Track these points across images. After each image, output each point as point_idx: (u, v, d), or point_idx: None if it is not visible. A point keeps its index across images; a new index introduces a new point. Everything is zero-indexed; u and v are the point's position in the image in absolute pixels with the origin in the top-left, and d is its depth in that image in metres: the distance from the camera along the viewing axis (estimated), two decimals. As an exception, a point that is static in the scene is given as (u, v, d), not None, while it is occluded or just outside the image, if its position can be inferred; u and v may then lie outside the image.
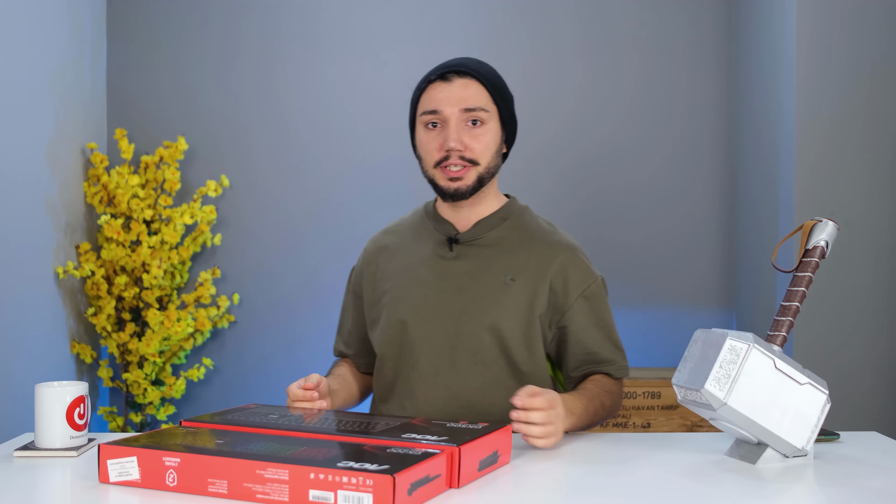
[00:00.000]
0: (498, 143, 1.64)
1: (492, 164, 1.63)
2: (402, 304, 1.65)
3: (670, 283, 3.35)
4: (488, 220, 1.66)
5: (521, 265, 1.63)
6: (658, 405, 2.94)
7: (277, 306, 3.35)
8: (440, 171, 1.61)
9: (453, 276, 1.63)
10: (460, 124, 1.60)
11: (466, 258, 1.64)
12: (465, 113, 1.60)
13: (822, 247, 1.41)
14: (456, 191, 1.61)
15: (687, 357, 1.39)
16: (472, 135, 1.60)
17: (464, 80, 1.62)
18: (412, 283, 1.65)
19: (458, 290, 1.62)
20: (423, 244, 1.69)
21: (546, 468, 1.33)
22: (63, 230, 2.95)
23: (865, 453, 1.42)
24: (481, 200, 1.66)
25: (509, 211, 1.69)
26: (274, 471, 1.10)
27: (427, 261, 1.66)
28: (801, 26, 2.79)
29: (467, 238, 1.65)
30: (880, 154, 2.78)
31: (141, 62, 3.34)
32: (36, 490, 1.25)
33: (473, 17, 3.36)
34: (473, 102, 1.60)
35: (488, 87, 1.63)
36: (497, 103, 1.63)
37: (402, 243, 1.72)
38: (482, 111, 1.60)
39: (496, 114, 1.63)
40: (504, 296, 1.61)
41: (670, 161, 3.36)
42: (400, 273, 1.68)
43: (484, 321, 1.60)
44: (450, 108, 1.60)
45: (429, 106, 1.62)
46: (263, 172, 3.35)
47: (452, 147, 1.58)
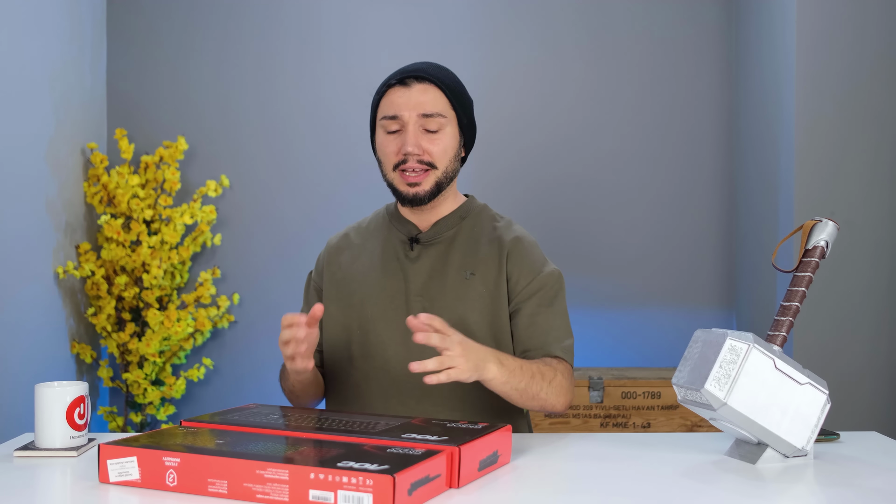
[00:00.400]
0: (456, 148, 1.66)
1: (450, 169, 1.65)
2: (367, 307, 1.67)
3: (670, 283, 3.35)
4: (447, 220, 1.69)
5: (479, 260, 1.66)
6: (658, 405, 2.94)
7: (277, 306, 3.34)
8: (399, 174, 1.64)
9: (415, 276, 1.66)
10: (418, 129, 1.62)
11: (427, 258, 1.67)
12: (423, 118, 1.62)
13: (822, 247, 1.41)
14: (415, 196, 1.63)
15: (687, 357, 1.39)
16: (430, 139, 1.63)
17: (422, 86, 1.64)
18: (375, 286, 1.68)
19: (421, 291, 1.65)
20: (385, 245, 1.71)
21: (546, 468, 1.33)
22: (63, 230, 2.95)
23: (865, 453, 1.42)
24: (440, 203, 1.69)
25: (468, 209, 1.72)
26: (274, 471, 1.10)
27: (391, 261, 1.69)
28: (802, 26, 2.79)
29: (427, 238, 1.68)
30: (880, 154, 2.78)
31: (141, 62, 3.35)
32: (36, 490, 1.25)
33: (473, 17, 3.36)
34: (431, 108, 1.62)
35: (447, 92, 1.64)
36: (455, 109, 1.65)
37: (365, 245, 1.74)
38: (440, 116, 1.62)
39: (454, 119, 1.65)
40: (466, 291, 1.64)
41: (670, 161, 3.36)
42: (363, 275, 1.70)
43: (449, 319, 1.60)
44: (408, 112, 1.62)
45: (388, 111, 1.64)
46: (263, 172, 3.35)
47: (410, 151, 1.61)
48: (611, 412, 2.94)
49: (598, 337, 3.32)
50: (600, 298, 3.33)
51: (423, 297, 1.64)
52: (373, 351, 1.65)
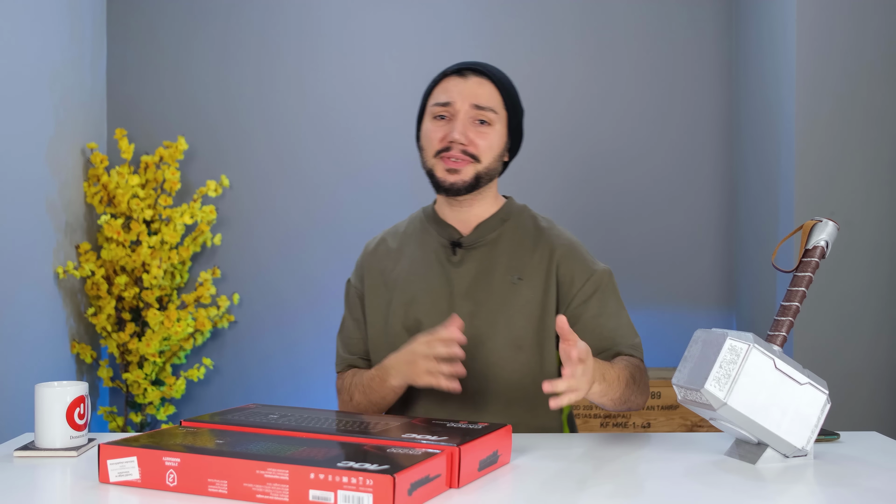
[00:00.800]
0: (501, 148, 1.64)
1: (492, 166, 1.62)
2: (413, 312, 1.64)
3: (670, 282, 3.35)
4: (489, 222, 1.66)
5: (525, 264, 1.63)
6: (658, 405, 2.94)
7: (277, 306, 3.35)
8: (440, 160, 1.60)
9: (460, 281, 1.63)
10: (468, 119, 1.60)
11: (471, 262, 1.64)
12: (475, 110, 1.60)
13: (822, 247, 1.41)
14: (452, 184, 1.60)
15: (687, 357, 1.39)
16: (479, 131, 1.60)
17: (479, 79, 1.63)
18: (421, 291, 1.64)
19: (467, 295, 1.62)
20: (426, 249, 1.68)
21: (546, 468, 1.33)
22: (63, 230, 2.95)
23: (865, 453, 1.42)
24: (480, 201, 1.66)
25: (508, 211, 1.69)
26: (274, 471, 1.10)
27: (433, 267, 1.65)
28: (801, 26, 2.79)
29: (470, 242, 1.65)
30: (880, 154, 2.78)
31: (141, 62, 3.35)
32: (36, 490, 1.25)
33: (473, 17, 3.36)
34: (485, 101, 1.61)
35: (502, 91, 1.63)
36: (507, 109, 1.64)
37: (403, 249, 1.71)
38: (491, 112, 1.61)
39: (504, 119, 1.64)
40: (513, 296, 1.61)
41: (670, 161, 3.36)
42: (406, 280, 1.66)
43: (496, 323, 1.60)
44: (461, 101, 1.60)
45: (441, 97, 1.62)
46: (263, 172, 3.35)
47: (456, 139, 1.58)
48: (611, 412, 2.95)
49: (598, 337, 3.32)
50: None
51: (469, 301, 1.61)
52: None
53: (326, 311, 3.32)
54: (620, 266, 3.34)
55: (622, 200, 3.35)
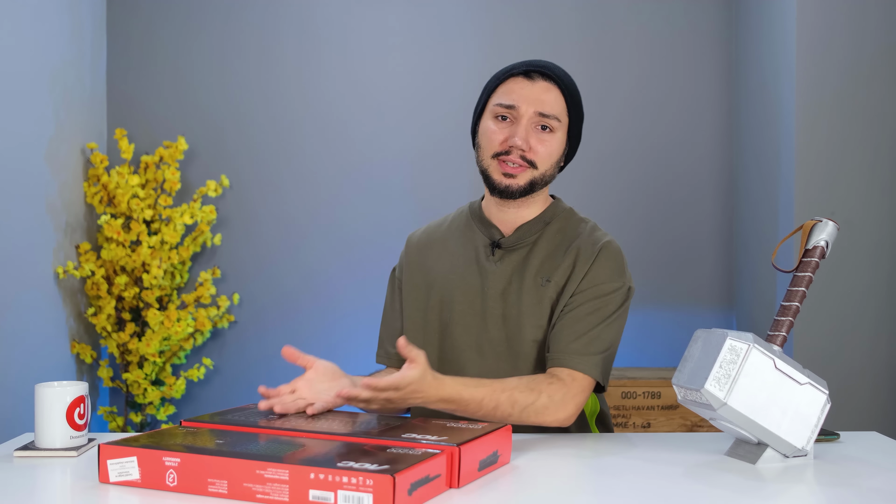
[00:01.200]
0: (560, 155, 1.62)
1: (548, 173, 1.61)
2: (446, 311, 1.64)
3: (670, 283, 3.35)
4: (531, 224, 1.65)
5: (556, 266, 1.61)
6: (658, 405, 2.94)
7: (277, 306, 3.35)
8: (497, 162, 1.59)
9: (496, 280, 1.62)
10: (531, 125, 1.58)
11: (508, 263, 1.63)
12: (539, 116, 1.58)
13: (822, 247, 1.41)
14: (507, 188, 1.59)
15: (687, 357, 1.39)
16: (540, 138, 1.58)
17: (546, 84, 1.59)
18: (455, 289, 1.64)
19: (501, 295, 1.62)
20: (467, 245, 1.68)
21: (546, 468, 1.33)
22: (63, 230, 2.95)
23: (865, 453, 1.42)
24: (529, 204, 1.65)
25: (553, 214, 1.67)
26: (274, 471, 1.10)
27: (472, 264, 1.65)
28: (802, 25, 2.79)
29: (509, 243, 1.64)
30: (880, 154, 2.78)
31: (141, 62, 3.35)
32: (36, 490, 1.25)
33: (473, 15, 3.36)
34: (550, 108, 1.58)
35: (567, 97, 1.60)
36: (570, 116, 1.61)
37: (446, 244, 1.70)
38: (555, 119, 1.58)
39: (566, 125, 1.61)
40: (541, 298, 1.60)
41: (670, 161, 3.36)
42: (446, 277, 1.66)
43: (525, 325, 1.59)
44: (526, 106, 1.57)
45: (506, 99, 1.59)
46: (264, 172, 3.35)
47: (517, 144, 1.56)
48: (611, 412, 2.95)
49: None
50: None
51: (501, 302, 1.61)
52: (449, 356, 1.63)
53: (326, 311, 3.32)
54: (620, 266, 3.34)
55: (622, 201, 3.35)
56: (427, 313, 1.66)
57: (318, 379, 1.46)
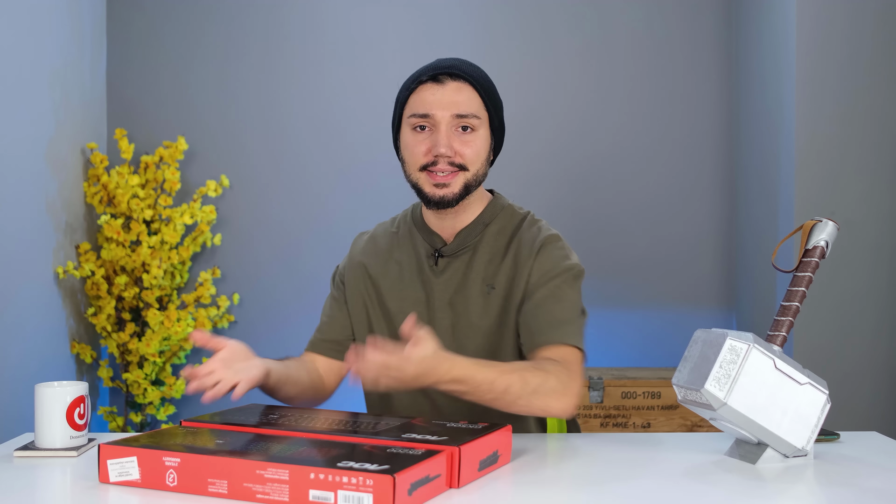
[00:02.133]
0: (487, 151, 1.58)
1: (480, 172, 1.57)
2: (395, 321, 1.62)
3: (670, 283, 3.35)
4: (470, 229, 1.62)
5: (499, 272, 1.59)
6: (658, 405, 2.94)
7: (277, 306, 3.35)
8: (426, 175, 1.55)
9: (440, 292, 1.60)
10: (451, 129, 1.54)
11: (451, 271, 1.61)
12: (457, 118, 1.53)
13: (822, 247, 1.41)
14: (441, 198, 1.55)
15: (687, 357, 1.39)
16: (463, 140, 1.54)
17: (456, 84, 1.54)
18: (404, 299, 1.63)
19: (448, 305, 1.60)
20: (411, 256, 1.65)
21: (546, 468, 1.33)
22: (63, 230, 2.95)
23: (865, 453, 1.42)
24: (465, 208, 1.61)
25: (492, 214, 1.64)
26: (274, 471, 1.10)
27: (415, 277, 1.63)
28: (802, 26, 2.79)
29: (450, 251, 1.61)
30: (880, 154, 2.79)
31: (141, 62, 3.35)
32: (36, 490, 1.25)
33: (471, 18, 3.36)
34: (466, 108, 1.54)
35: (481, 92, 1.56)
36: (489, 109, 1.57)
37: (393, 252, 1.68)
38: (474, 118, 1.54)
39: (487, 120, 1.57)
40: (488, 306, 1.58)
41: (670, 161, 3.36)
42: (393, 288, 1.65)
43: (474, 336, 1.58)
44: (441, 111, 1.53)
45: (419, 109, 1.54)
46: (263, 172, 3.35)
47: (442, 153, 1.52)
48: (611, 412, 2.94)
49: (598, 337, 3.32)
50: (600, 299, 3.33)
51: (449, 312, 1.59)
52: None
53: (326, 311, 3.32)
54: (620, 267, 3.34)
55: (622, 201, 3.35)
56: (374, 325, 1.65)
57: (233, 358, 1.43)
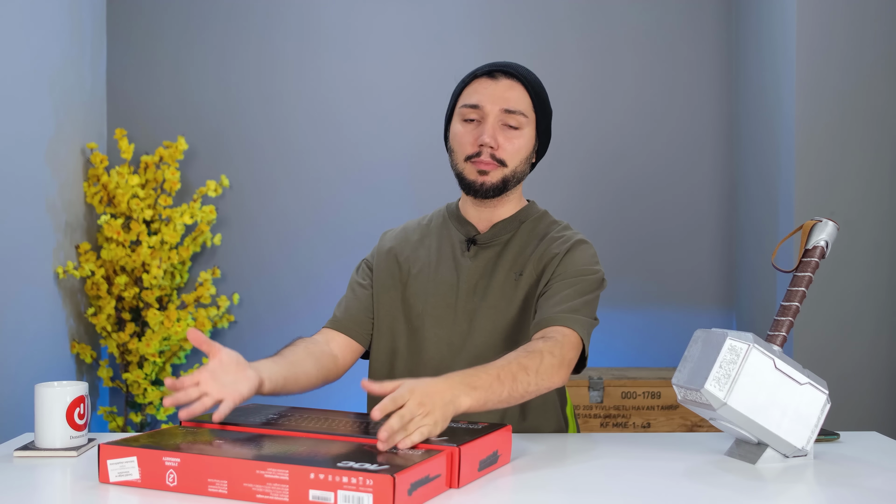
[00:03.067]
0: (529, 151, 1.65)
1: (519, 170, 1.64)
2: (419, 303, 1.66)
3: (670, 283, 3.35)
4: (506, 223, 1.68)
5: (528, 260, 1.64)
6: (658, 405, 2.94)
7: (277, 306, 3.35)
8: (470, 164, 1.62)
9: (468, 276, 1.64)
10: (497, 123, 1.60)
11: (482, 259, 1.65)
12: (505, 114, 1.60)
13: (822, 247, 1.41)
14: (482, 185, 1.61)
15: (687, 357, 1.39)
16: (507, 136, 1.60)
17: (510, 82, 1.62)
18: (429, 282, 1.66)
19: (473, 291, 1.64)
20: (442, 243, 1.70)
21: (546, 468, 1.33)
22: (63, 230, 2.95)
23: (865, 453, 1.42)
24: (504, 203, 1.67)
25: (527, 213, 1.70)
26: (274, 471, 1.10)
27: (445, 261, 1.67)
28: (802, 26, 2.79)
29: (484, 240, 1.67)
30: (880, 154, 2.79)
31: (141, 62, 3.35)
32: (36, 490, 1.25)
33: (473, 16, 3.36)
34: (515, 105, 1.60)
35: (532, 93, 1.63)
36: (537, 112, 1.64)
37: (423, 241, 1.73)
38: (521, 115, 1.61)
39: (534, 121, 1.64)
40: (513, 292, 1.62)
41: (670, 161, 3.36)
42: (418, 270, 1.69)
43: (495, 320, 1.61)
44: (491, 104, 1.60)
45: (470, 99, 1.62)
46: (263, 172, 3.35)
47: (486, 142, 1.58)
48: (611, 412, 2.95)
49: (598, 337, 3.31)
50: (600, 298, 3.33)
51: (474, 296, 1.63)
52: (421, 346, 1.64)
53: (326, 311, 3.32)
54: (621, 266, 3.34)
55: (622, 200, 3.35)
56: (400, 304, 1.67)
57: (223, 370, 1.35)
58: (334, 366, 1.66)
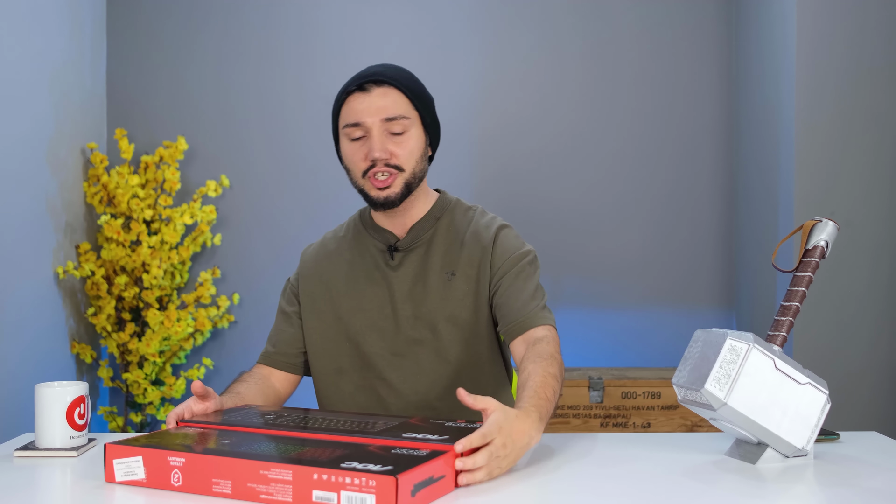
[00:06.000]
0: (422, 148, 1.64)
1: (417, 169, 1.63)
2: (355, 320, 1.67)
3: (670, 283, 3.35)
4: (422, 223, 1.68)
5: (459, 259, 1.65)
6: (658, 405, 2.95)
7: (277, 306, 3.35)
8: (368, 180, 1.61)
9: (399, 284, 1.66)
10: (382, 133, 1.59)
11: (408, 264, 1.66)
12: (387, 122, 1.59)
13: (822, 247, 1.41)
14: (386, 199, 1.61)
15: (687, 357, 1.40)
16: (396, 142, 1.60)
17: (382, 90, 1.61)
18: (361, 298, 1.68)
19: (409, 296, 1.65)
20: (364, 255, 1.71)
21: (546, 468, 1.33)
22: (63, 230, 2.95)
23: (865, 453, 1.43)
24: (413, 205, 1.67)
25: (442, 208, 1.71)
26: (277, 471, 1.10)
27: (371, 273, 1.68)
28: (802, 26, 2.79)
29: (405, 245, 1.67)
30: (880, 154, 2.79)
31: (141, 62, 3.35)
32: (39, 490, 1.26)
33: (473, 16, 3.36)
34: (393, 111, 1.59)
35: (407, 93, 1.62)
36: (418, 108, 1.63)
37: (343, 254, 1.73)
38: (403, 119, 1.60)
39: (418, 119, 1.63)
40: (449, 291, 1.64)
41: (670, 161, 3.36)
42: (346, 287, 1.69)
43: (437, 321, 1.63)
44: (370, 118, 1.59)
45: (350, 118, 1.61)
46: (263, 172, 3.35)
47: (377, 157, 1.58)
48: (611, 412, 2.95)
49: (598, 337, 3.33)
50: (600, 299, 3.33)
51: (409, 303, 1.64)
52: (369, 361, 1.66)
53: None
54: (621, 266, 3.34)
55: (622, 200, 3.36)
56: (335, 324, 1.68)
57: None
58: (277, 397, 1.72)
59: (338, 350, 1.68)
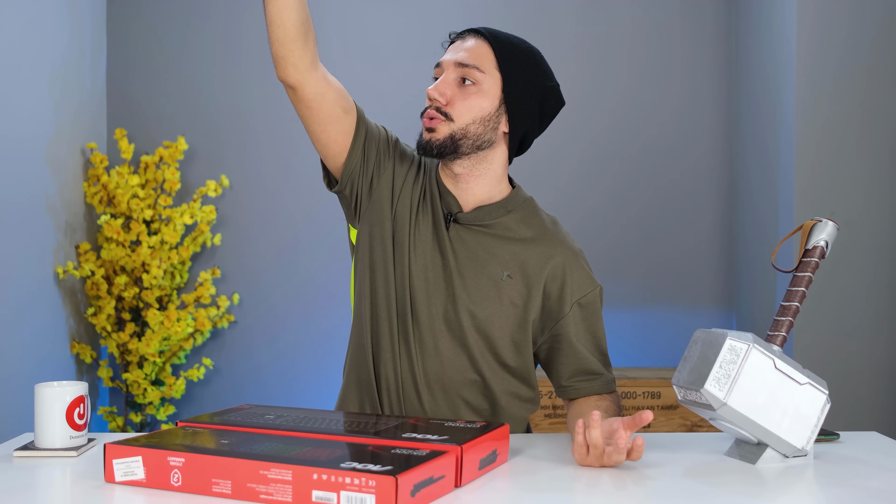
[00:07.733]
0: (487, 112, 1.50)
1: (471, 129, 1.49)
2: (403, 267, 1.54)
3: (670, 283, 3.35)
4: (491, 209, 1.55)
5: (520, 262, 1.55)
6: (658, 405, 2.95)
7: (277, 306, 3.35)
8: (423, 120, 1.53)
9: (453, 256, 1.54)
10: (451, 77, 1.50)
11: (466, 243, 1.55)
12: (460, 68, 1.49)
13: (821, 247, 1.41)
14: (427, 143, 1.50)
15: (687, 357, 1.39)
16: (460, 91, 1.49)
17: (475, 40, 1.52)
18: (420, 262, 1.55)
19: (457, 273, 1.54)
20: (427, 209, 1.58)
21: (546, 468, 1.33)
22: (63, 230, 2.95)
23: (865, 453, 1.43)
24: (476, 179, 1.55)
25: (515, 202, 1.58)
26: (277, 471, 1.10)
27: (430, 232, 1.56)
28: (801, 25, 2.79)
29: (467, 220, 1.55)
30: (880, 154, 2.79)
31: (141, 62, 3.35)
32: (39, 490, 1.26)
33: (473, 16, 3.36)
34: (470, 58, 1.49)
35: (497, 51, 1.50)
36: (502, 71, 1.49)
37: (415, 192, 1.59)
38: (476, 70, 1.48)
39: (498, 81, 1.50)
40: (499, 292, 1.54)
41: (670, 160, 3.36)
42: (406, 228, 1.56)
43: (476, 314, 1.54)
44: (448, 57, 1.52)
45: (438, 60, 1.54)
46: (263, 172, 3.35)
47: (433, 96, 1.49)
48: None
49: (598, 337, 3.32)
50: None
51: (459, 280, 1.53)
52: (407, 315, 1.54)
53: (326, 311, 3.32)
54: (620, 266, 3.34)
55: (621, 199, 3.36)
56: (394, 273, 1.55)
57: None
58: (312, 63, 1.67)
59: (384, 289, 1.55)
